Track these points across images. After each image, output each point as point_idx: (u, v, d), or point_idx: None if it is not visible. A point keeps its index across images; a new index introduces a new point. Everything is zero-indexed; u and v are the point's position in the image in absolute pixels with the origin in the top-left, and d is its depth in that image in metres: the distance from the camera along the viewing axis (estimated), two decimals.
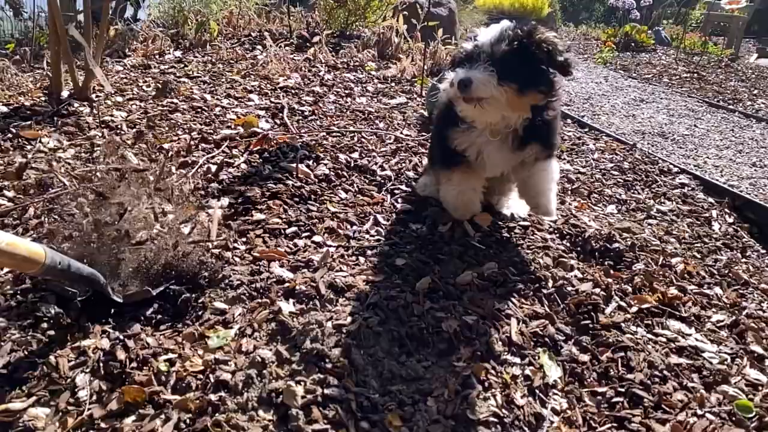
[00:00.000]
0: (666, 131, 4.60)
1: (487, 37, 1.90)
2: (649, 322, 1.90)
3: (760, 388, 1.67)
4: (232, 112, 3.30)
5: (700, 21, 12.63)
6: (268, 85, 3.91)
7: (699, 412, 1.53)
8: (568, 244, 2.30)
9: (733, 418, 1.53)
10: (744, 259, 2.57)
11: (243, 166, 2.57)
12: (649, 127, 4.68)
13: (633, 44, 9.74)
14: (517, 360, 1.64)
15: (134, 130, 2.88)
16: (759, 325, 1.99)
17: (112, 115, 3.07)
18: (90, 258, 1.75)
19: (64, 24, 3.12)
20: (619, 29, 10.25)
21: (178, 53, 4.71)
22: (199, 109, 3.29)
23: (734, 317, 2.01)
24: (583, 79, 6.82)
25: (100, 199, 1.96)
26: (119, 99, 3.37)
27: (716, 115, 5.47)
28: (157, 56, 4.57)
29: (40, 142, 2.66)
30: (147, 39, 4.92)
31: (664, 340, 1.82)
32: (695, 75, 7.48)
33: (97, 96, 3.36)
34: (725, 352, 1.82)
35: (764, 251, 2.75)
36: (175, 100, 3.41)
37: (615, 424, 1.49)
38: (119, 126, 2.92)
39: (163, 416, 1.35)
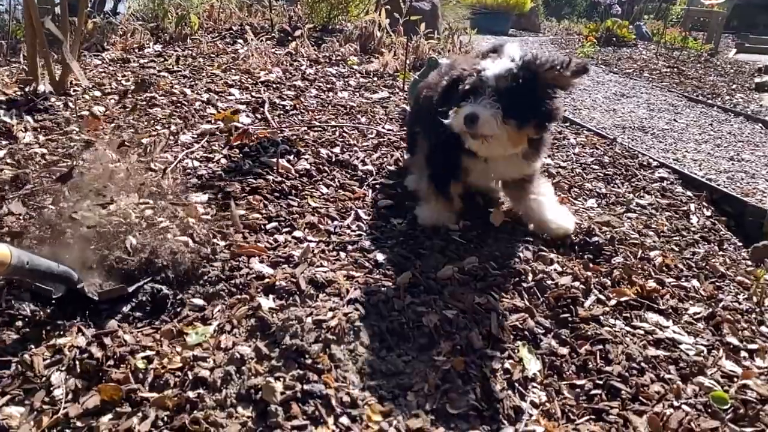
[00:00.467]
0: (646, 125, 4.65)
1: (493, 71, 1.90)
2: (628, 314, 1.92)
3: (735, 379, 1.70)
4: (212, 106, 3.27)
5: (680, 16, 12.78)
6: (249, 80, 3.88)
7: (675, 403, 1.55)
8: (548, 238, 2.31)
9: (709, 410, 1.55)
10: (721, 252, 2.60)
11: (223, 161, 2.55)
12: (630, 122, 4.72)
13: (614, 39, 9.81)
14: (497, 353, 1.65)
15: (112, 125, 2.85)
16: (735, 317, 2.02)
17: (89, 110, 3.03)
18: (64, 254, 1.73)
19: (41, 17, 3.07)
20: (600, 24, 10.33)
21: (158, 47, 4.66)
22: (179, 104, 3.26)
23: (711, 309, 2.04)
24: None
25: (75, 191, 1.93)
26: (97, 93, 3.33)
27: (695, 109, 5.53)
28: (136, 50, 4.51)
29: (16, 136, 2.61)
30: (126, 32, 4.86)
31: (642, 332, 1.84)
32: (675, 70, 7.56)
33: (74, 90, 3.31)
34: (702, 344, 1.84)
35: (740, 244, 2.78)
36: (154, 95, 3.37)
37: (593, 417, 1.51)
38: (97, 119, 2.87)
39: (140, 414, 1.33)
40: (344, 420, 1.37)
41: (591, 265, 2.15)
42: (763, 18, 14.63)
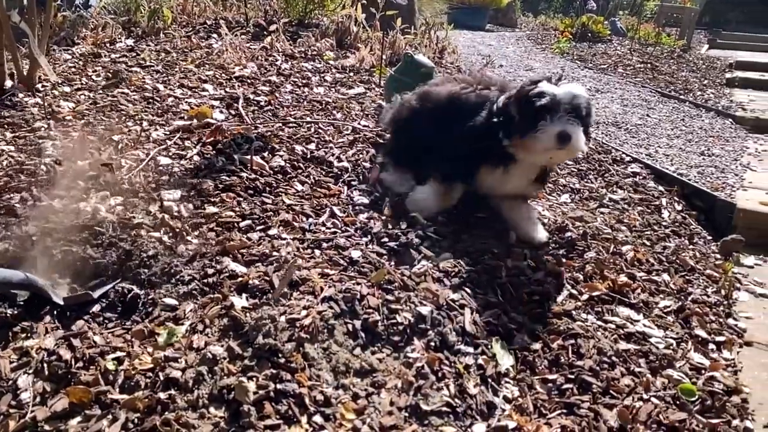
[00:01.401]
0: (620, 121, 4.70)
1: (565, 90, 1.99)
2: (600, 309, 1.95)
3: (703, 371, 1.74)
4: (186, 102, 3.23)
5: (654, 12, 12.92)
6: (223, 75, 3.83)
7: (645, 396, 1.58)
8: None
9: (677, 402, 1.59)
10: (691, 246, 2.65)
11: (195, 158, 2.52)
12: (604, 117, 4.77)
13: (590, 35, 9.87)
14: (471, 349, 1.66)
15: (82, 121, 2.79)
16: (703, 310, 2.07)
17: (59, 106, 2.97)
18: (32, 253, 1.70)
19: (7, 9, 2.99)
20: (576, 20, 10.39)
21: (130, 41, 4.57)
22: (151, 100, 3.21)
23: (680, 303, 2.08)
24: (541, 69, 6.90)
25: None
26: (67, 89, 3.26)
27: (668, 104, 5.62)
28: (107, 44, 4.42)
29: None
30: (97, 26, 4.76)
31: (613, 326, 1.87)
32: (649, 65, 7.65)
33: (43, 86, 3.24)
34: (671, 337, 1.88)
35: (710, 238, 2.84)
36: (126, 90, 3.32)
37: (565, 411, 1.53)
38: (66, 117, 2.82)
39: (110, 416, 1.32)
40: (318, 419, 1.37)
41: (564, 260, 2.17)
42: (735, 14, 14.89)
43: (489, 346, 1.69)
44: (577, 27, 9.95)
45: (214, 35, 4.98)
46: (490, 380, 1.58)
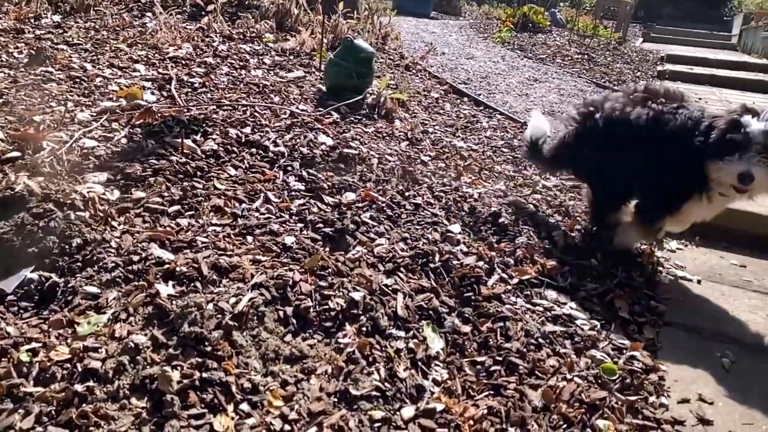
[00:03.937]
0: (556, 110, 4.81)
1: (758, 127, 1.92)
2: (528, 292, 2.00)
3: (624, 351, 1.81)
4: (115, 83, 3.09)
5: (593, 4, 13.28)
6: (157, 55, 3.69)
7: (569, 376, 1.63)
8: (454, 220, 2.36)
9: (599, 381, 1.65)
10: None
11: (123, 141, 2.41)
12: (541, 106, 4.88)
13: (530, 25, 10.04)
14: (402, 333, 1.68)
15: (1, 100, 2.64)
16: (628, 293, 2.15)
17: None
18: None
19: None
20: (517, 10, 10.55)
21: (56, 17, 4.34)
22: (78, 79, 3.05)
23: (606, 286, 2.15)
24: (482, 57, 6.98)
25: None
26: None
27: (602, 95, 5.78)
28: (32, 20, 4.18)
29: None
30: (21, 0, 4.50)
31: (541, 309, 1.92)
32: (586, 56, 7.86)
33: None
34: (596, 319, 1.95)
35: None
36: (50, 69, 3.15)
37: (492, 392, 1.56)
38: None
39: (22, 410, 1.26)
40: (245, 407, 1.35)
41: (495, 245, 2.21)
42: (668, 10, 15.51)
43: (420, 330, 1.71)
44: (519, 17, 10.10)
45: (149, 14, 4.80)
46: (420, 363, 1.59)
